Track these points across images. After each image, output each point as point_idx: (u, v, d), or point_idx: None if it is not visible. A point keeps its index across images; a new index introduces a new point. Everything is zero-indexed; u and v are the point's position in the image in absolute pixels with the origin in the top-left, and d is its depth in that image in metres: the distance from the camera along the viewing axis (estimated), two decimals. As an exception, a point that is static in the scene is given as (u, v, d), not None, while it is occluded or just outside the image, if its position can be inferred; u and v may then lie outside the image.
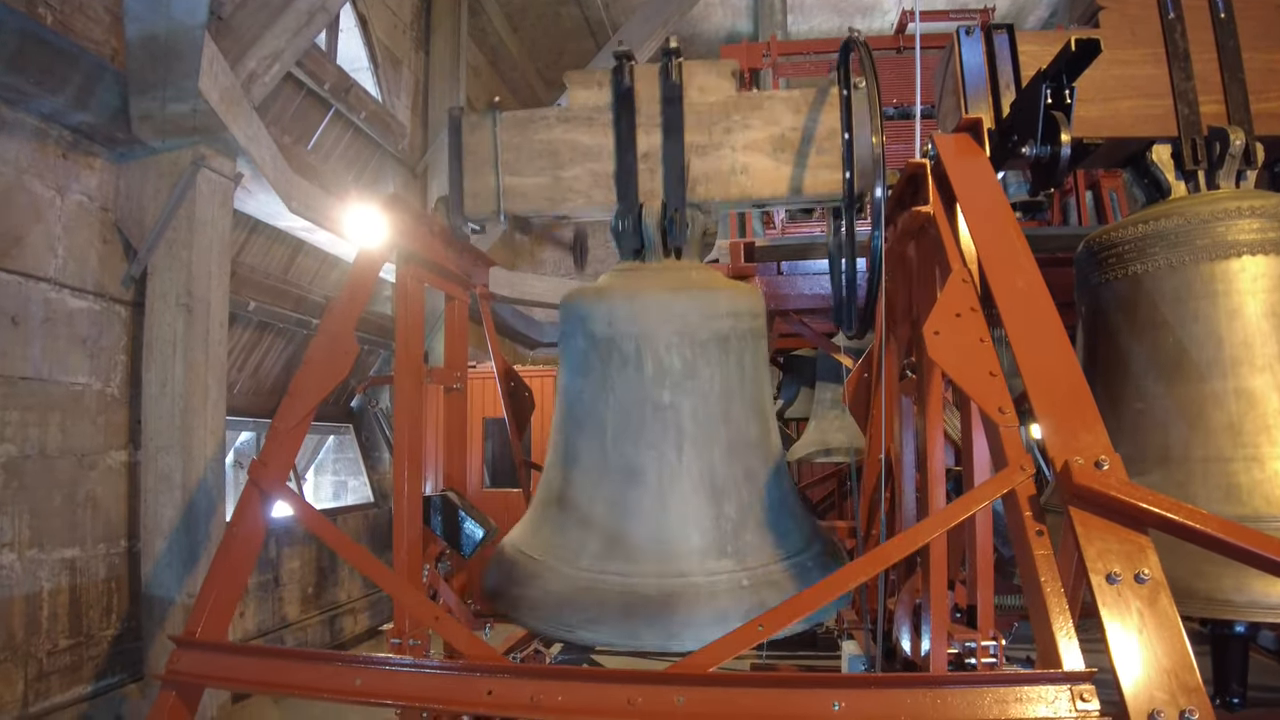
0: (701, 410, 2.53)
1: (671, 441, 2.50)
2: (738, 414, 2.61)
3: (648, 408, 2.51)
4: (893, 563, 2.08)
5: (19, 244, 4.04)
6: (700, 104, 2.73)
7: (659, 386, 2.51)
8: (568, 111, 2.80)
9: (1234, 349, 2.46)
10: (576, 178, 2.79)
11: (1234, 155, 2.68)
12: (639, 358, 2.52)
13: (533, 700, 1.69)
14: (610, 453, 2.55)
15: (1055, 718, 1.48)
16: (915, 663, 2.78)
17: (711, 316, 2.59)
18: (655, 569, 2.39)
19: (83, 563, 4.35)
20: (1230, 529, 1.57)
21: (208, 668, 2.01)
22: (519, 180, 2.83)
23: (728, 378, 2.59)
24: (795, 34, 11.46)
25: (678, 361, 2.52)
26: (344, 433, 8.52)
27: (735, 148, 2.71)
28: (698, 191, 2.72)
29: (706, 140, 2.73)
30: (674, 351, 2.52)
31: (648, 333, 2.53)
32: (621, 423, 2.54)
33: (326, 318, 2.61)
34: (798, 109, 2.72)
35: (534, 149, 2.82)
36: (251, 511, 2.28)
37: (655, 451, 2.49)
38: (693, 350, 2.53)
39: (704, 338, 2.55)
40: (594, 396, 2.61)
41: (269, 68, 5.09)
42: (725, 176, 2.72)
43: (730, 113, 2.73)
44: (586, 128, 2.79)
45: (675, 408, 2.51)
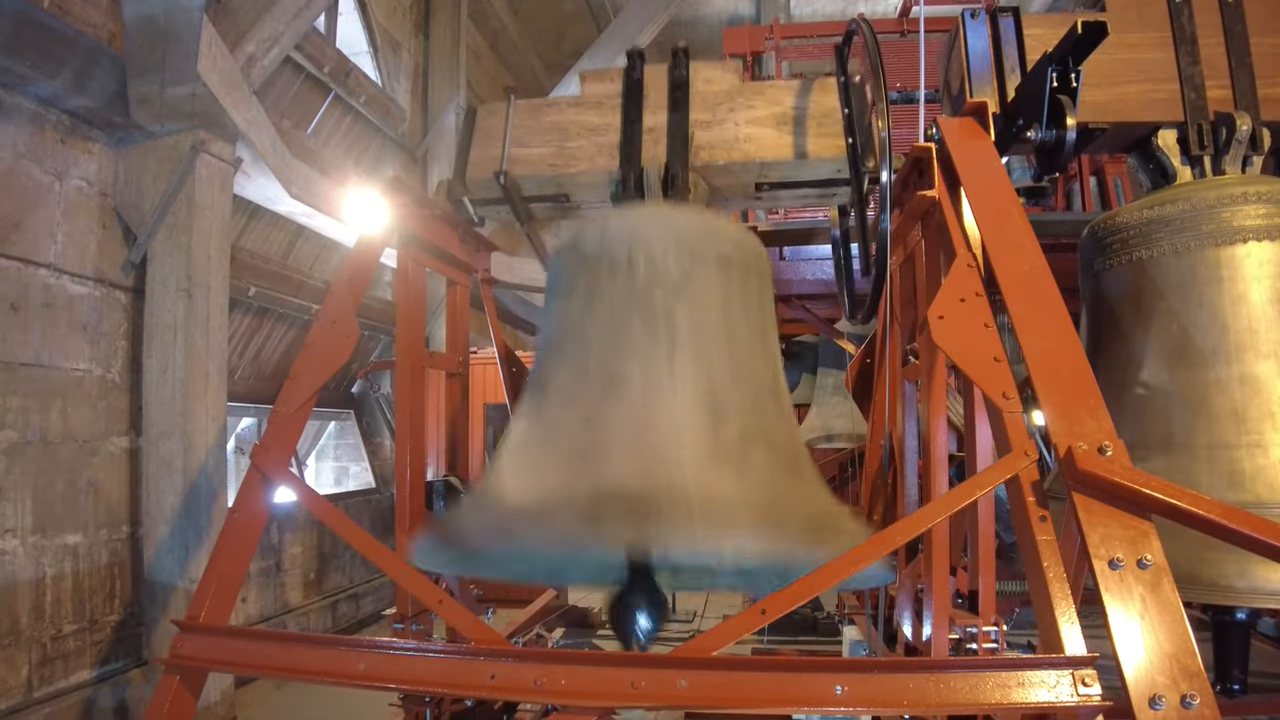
0: (700, 320, 2.15)
1: (662, 349, 2.09)
2: (742, 338, 2.24)
3: (635, 315, 2.13)
4: (895, 548, 2.07)
5: (18, 229, 4.03)
6: (706, 91, 2.82)
7: (650, 289, 2.15)
8: (579, 99, 2.91)
9: (1238, 335, 2.45)
10: (580, 147, 2.86)
11: (1240, 140, 2.66)
12: (630, 261, 2.18)
13: (536, 684, 1.69)
14: (590, 367, 2.14)
15: (1057, 702, 1.49)
16: (916, 648, 2.79)
17: (713, 234, 2.31)
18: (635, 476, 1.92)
19: (85, 548, 4.37)
20: (1233, 515, 1.57)
21: (211, 652, 2.01)
22: (524, 150, 2.90)
23: (729, 297, 2.24)
24: (798, 17, 11.37)
25: (674, 266, 2.17)
26: (345, 418, 8.53)
27: (739, 123, 2.78)
28: (701, 155, 2.75)
29: (711, 118, 2.80)
30: (670, 256, 2.18)
31: (643, 237, 2.21)
32: (605, 334, 2.15)
33: (327, 302, 2.60)
34: (798, 94, 2.80)
35: (542, 127, 2.92)
36: (254, 496, 2.28)
37: (640, 359, 2.08)
38: (691, 260, 2.20)
39: (704, 252, 2.23)
40: (578, 312, 2.25)
41: (268, 51, 5.05)
42: (729, 144, 2.77)
43: (734, 97, 2.81)
44: (596, 110, 2.88)
45: (668, 314, 2.12)
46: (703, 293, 2.17)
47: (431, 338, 6.81)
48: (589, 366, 2.14)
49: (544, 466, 2.03)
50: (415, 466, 2.90)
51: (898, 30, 6.21)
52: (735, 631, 1.74)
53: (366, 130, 7.61)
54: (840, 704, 1.54)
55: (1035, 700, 1.50)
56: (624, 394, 2.04)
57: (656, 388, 2.04)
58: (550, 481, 1.98)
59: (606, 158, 2.81)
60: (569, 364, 2.20)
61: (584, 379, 2.13)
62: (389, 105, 7.84)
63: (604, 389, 2.07)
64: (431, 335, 6.89)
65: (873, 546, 1.91)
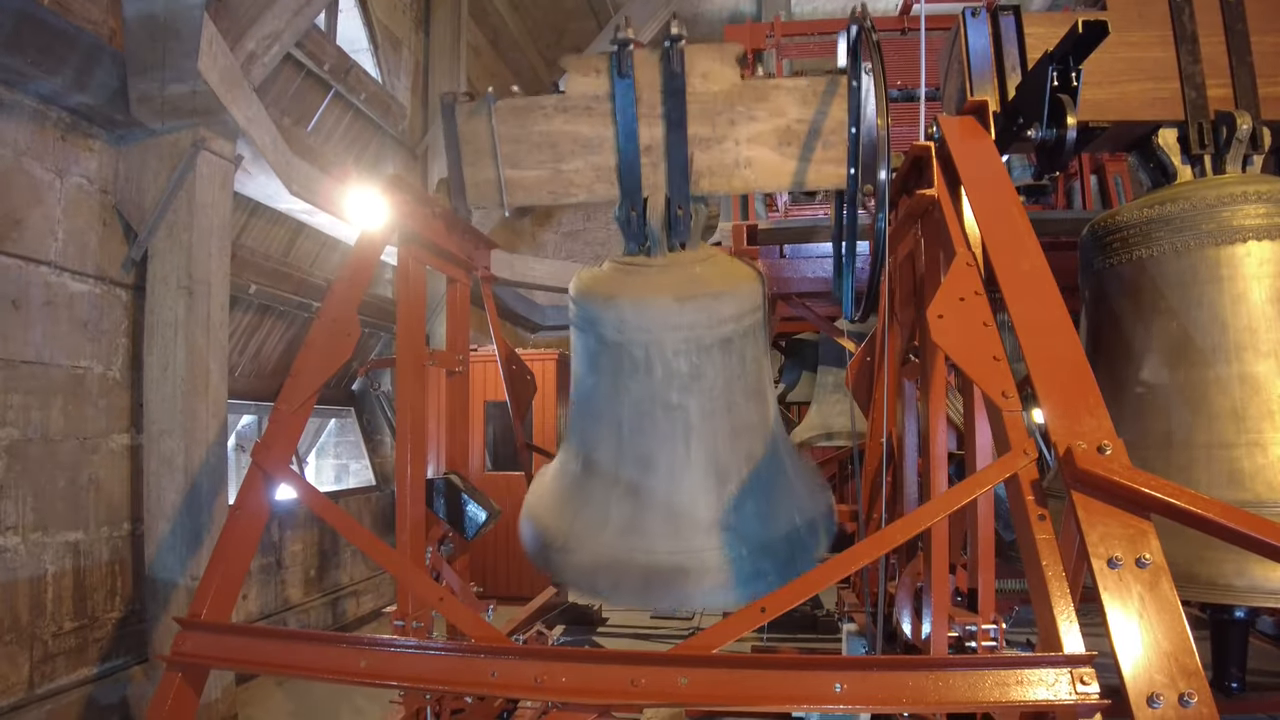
0: (706, 406, 2.73)
1: (680, 436, 2.72)
2: (740, 403, 2.80)
3: (658, 408, 2.73)
4: (894, 546, 2.08)
5: (18, 227, 4.03)
6: (704, 93, 2.64)
7: (667, 389, 2.70)
8: (566, 100, 2.74)
9: (1238, 334, 2.45)
10: (578, 171, 2.76)
11: (1241, 140, 2.67)
12: (649, 363, 2.68)
13: (537, 681, 1.70)
14: (625, 444, 2.79)
15: (1055, 700, 1.49)
16: (916, 646, 2.80)
17: (716, 323, 2.69)
18: (668, 545, 2.69)
19: (86, 546, 4.37)
20: (1232, 514, 1.57)
21: (213, 649, 2.02)
22: (520, 173, 2.80)
23: (730, 374, 2.75)
24: (799, 15, 11.35)
25: (685, 366, 2.68)
26: (345, 416, 8.53)
27: (739, 140, 2.65)
28: (701, 185, 2.69)
29: (710, 133, 2.65)
30: (681, 357, 2.67)
31: (657, 340, 2.67)
32: (635, 419, 2.76)
33: (328, 300, 2.61)
34: (804, 100, 2.62)
35: (533, 140, 2.77)
36: (255, 494, 2.29)
37: (667, 445, 2.74)
38: (699, 355, 2.68)
39: (709, 343, 2.68)
40: (608, 395, 2.82)
41: (268, 48, 5.04)
42: (729, 170, 2.67)
43: (734, 103, 2.64)
44: (586, 118, 2.72)
45: (683, 407, 2.71)
46: (708, 381, 2.71)
47: (432, 335, 6.81)
48: (624, 442, 2.79)
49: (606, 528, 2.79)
50: (416, 464, 2.91)
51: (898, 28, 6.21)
52: (735, 629, 1.75)
53: (367, 127, 7.61)
54: (839, 701, 1.55)
55: (1033, 698, 1.50)
56: (655, 474, 2.74)
57: (680, 468, 2.74)
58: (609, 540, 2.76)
59: (606, 185, 2.74)
60: (608, 436, 2.84)
61: (620, 454, 2.80)
62: (389, 102, 7.84)
63: (640, 468, 2.76)
64: (432, 333, 6.89)
65: (871, 545, 1.92)
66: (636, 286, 2.71)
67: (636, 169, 2.67)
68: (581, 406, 2.99)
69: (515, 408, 3.99)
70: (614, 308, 2.71)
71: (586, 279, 2.87)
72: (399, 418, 2.98)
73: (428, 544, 3.08)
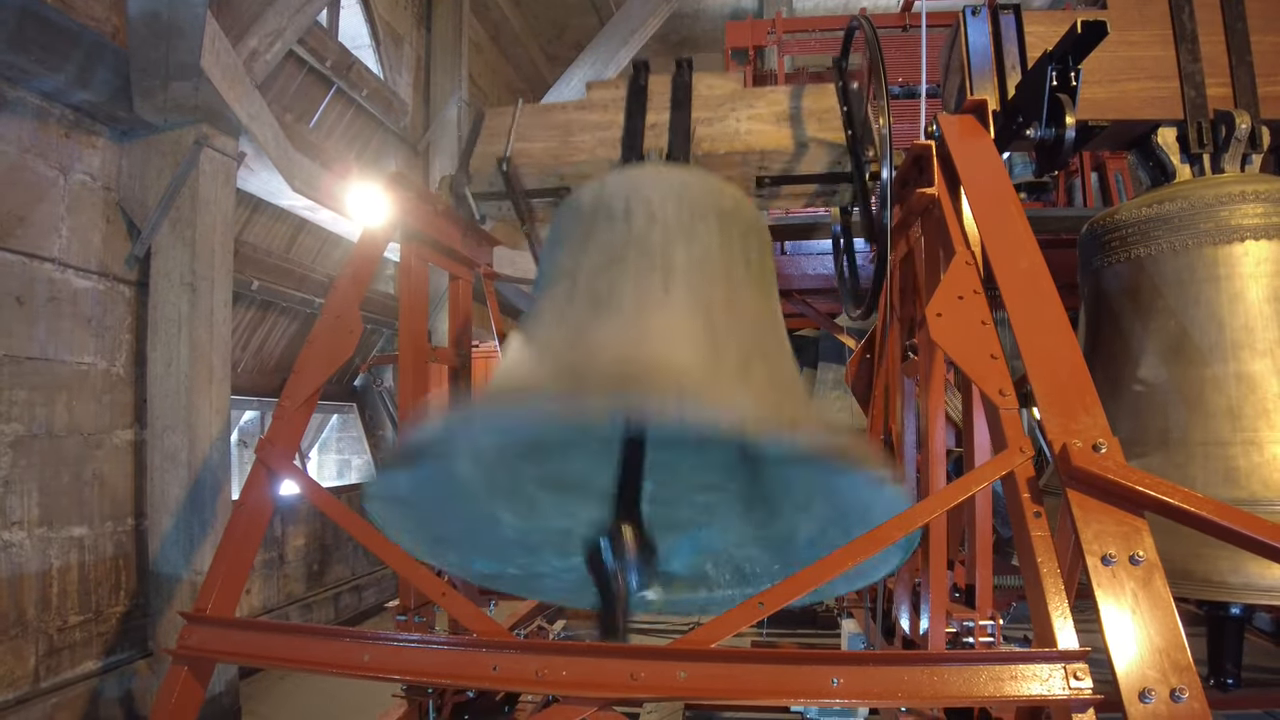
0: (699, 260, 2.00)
1: (658, 271, 1.93)
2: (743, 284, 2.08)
3: (631, 248, 1.99)
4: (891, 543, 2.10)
5: (22, 224, 4.05)
6: (708, 95, 2.90)
7: (648, 230, 2.02)
8: (584, 102, 3.01)
9: (1235, 333, 2.46)
10: (583, 141, 2.93)
11: (1240, 139, 2.67)
12: (628, 210, 2.06)
13: (537, 675, 1.72)
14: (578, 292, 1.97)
15: (1048, 695, 1.51)
16: (914, 641, 2.82)
17: (713, 191, 2.19)
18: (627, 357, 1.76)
19: (91, 541, 4.40)
20: (1225, 512, 1.58)
21: (219, 643, 2.04)
22: (527, 144, 2.97)
23: (729, 247, 2.09)
24: (800, 11, 11.33)
25: (672, 215, 2.05)
26: (348, 412, 8.56)
27: (740, 119, 2.85)
28: (702, 146, 2.81)
29: (712, 115, 2.86)
30: (669, 206, 2.07)
31: (640, 191, 2.12)
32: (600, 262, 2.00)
33: (331, 297, 2.63)
34: (798, 94, 2.87)
35: (548, 125, 2.99)
36: (259, 489, 2.31)
37: (636, 280, 1.92)
38: (691, 212, 2.08)
39: (704, 206, 2.12)
40: (570, 255, 2.09)
41: (270, 45, 5.05)
42: (730, 136, 2.83)
43: (735, 99, 2.89)
44: (600, 110, 2.96)
45: (666, 249, 1.98)
46: (701, 240, 2.03)
47: (434, 331, 6.83)
48: (578, 292, 1.96)
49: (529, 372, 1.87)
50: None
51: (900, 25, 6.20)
52: (734, 624, 1.76)
53: (369, 124, 7.62)
54: (836, 696, 1.57)
55: (1028, 693, 1.52)
56: (616, 313, 1.86)
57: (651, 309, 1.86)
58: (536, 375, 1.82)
59: (608, 149, 2.85)
60: (558, 296, 2.03)
61: (572, 302, 1.95)
62: (391, 98, 7.84)
63: (594, 309, 1.88)
64: (434, 329, 6.91)
65: (870, 542, 1.94)
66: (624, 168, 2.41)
67: (640, 136, 2.80)
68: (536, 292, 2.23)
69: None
70: (596, 180, 2.24)
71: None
72: (401, 414, 3.00)
73: (430, 539, 3.10)
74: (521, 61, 11.82)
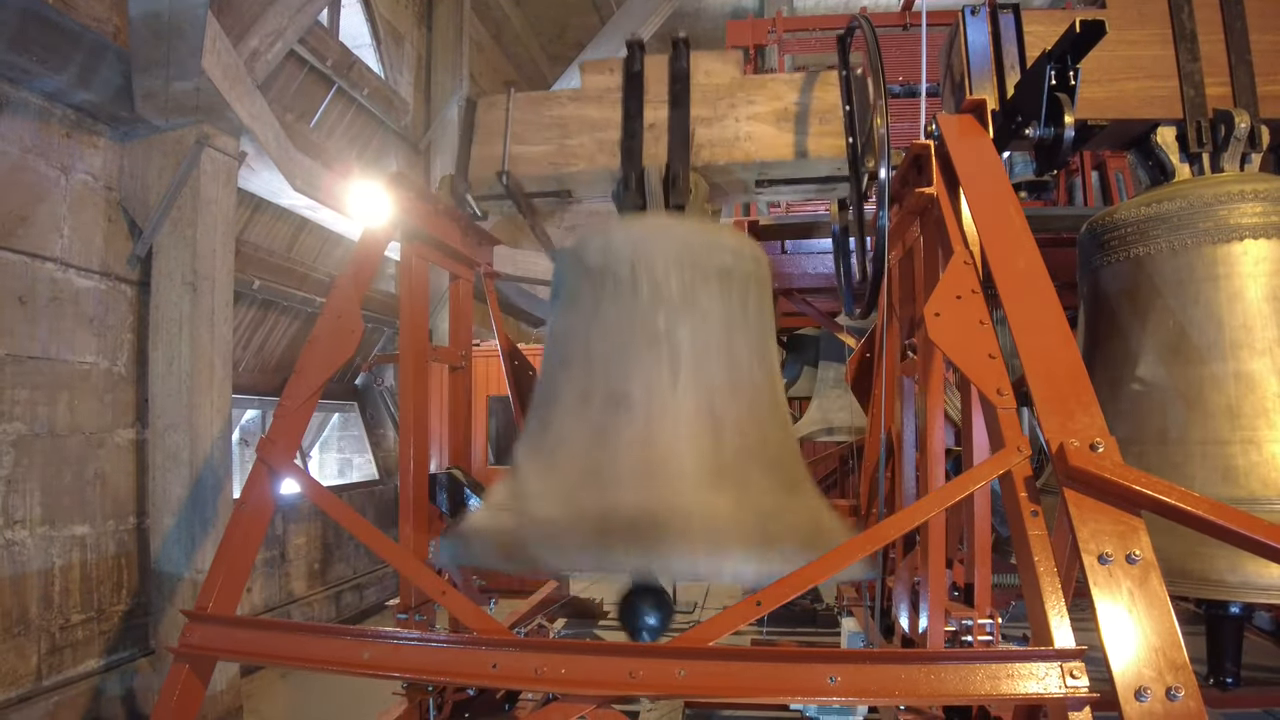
0: (701, 337, 2.22)
1: (665, 370, 2.17)
2: (742, 352, 2.31)
3: (639, 335, 2.19)
4: (891, 540, 2.11)
5: (24, 223, 4.06)
6: (706, 85, 2.82)
7: (654, 310, 2.20)
8: (580, 92, 2.93)
9: (1234, 332, 2.46)
10: (581, 144, 2.88)
11: (1239, 138, 2.67)
12: (634, 280, 2.23)
13: (536, 673, 1.73)
14: (596, 386, 2.19)
15: (1045, 693, 1.52)
16: (913, 639, 2.82)
17: (714, 247, 2.34)
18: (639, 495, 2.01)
19: (93, 539, 4.42)
20: (1222, 511, 1.59)
21: (220, 641, 2.05)
22: (525, 148, 2.93)
23: (730, 313, 2.30)
24: (801, 10, 11.33)
25: (676, 286, 2.22)
26: (349, 410, 8.57)
27: (739, 119, 2.80)
28: (702, 155, 2.78)
29: (711, 114, 2.82)
30: (673, 276, 2.23)
31: (645, 256, 2.26)
32: (610, 354, 2.21)
33: (332, 296, 2.63)
34: (800, 89, 2.81)
35: (543, 122, 2.94)
36: (260, 488, 2.32)
37: (645, 379, 2.15)
38: (693, 278, 2.25)
39: (705, 267, 2.29)
40: (583, 327, 2.30)
41: (271, 45, 5.06)
42: (729, 142, 2.79)
43: (735, 91, 2.82)
44: (596, 104, 2.89)
45: (671, 335, 2.18)
46: (704, 311, 2.23)
47: (435, 331, 6.83)
48: (595, 385, 2.19)
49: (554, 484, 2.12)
50: (418, 459, 2.94)
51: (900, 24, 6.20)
52: (732, 622, 1.77)
53: (370, 123, 7.62)
54: (834, 694, 1.57)
55: (1024, 691, 1.53)
56: (629, 414, 2.12)
57: (660, 408, 2.12)
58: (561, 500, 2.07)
59: (608, 156, 2.82)
60: (576, 381, 2.25)
61: (590, 398, 2.19)
62: (392, 98, 7.85)
63: (610, 408, 2.15)
64: (435, 328, 6.91)
65: (869, 540, 1.94)
66: (627, 225, 2.57)
67: (639, 140, 2.77)
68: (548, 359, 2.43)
69: (518, 402, 4.02)
70: (600, 236, 2.39)
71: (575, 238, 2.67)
72: (402, 412, 3.01)
73: (430, 537, 3.11)
74: (522, 60, 11.82)
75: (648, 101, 2.81)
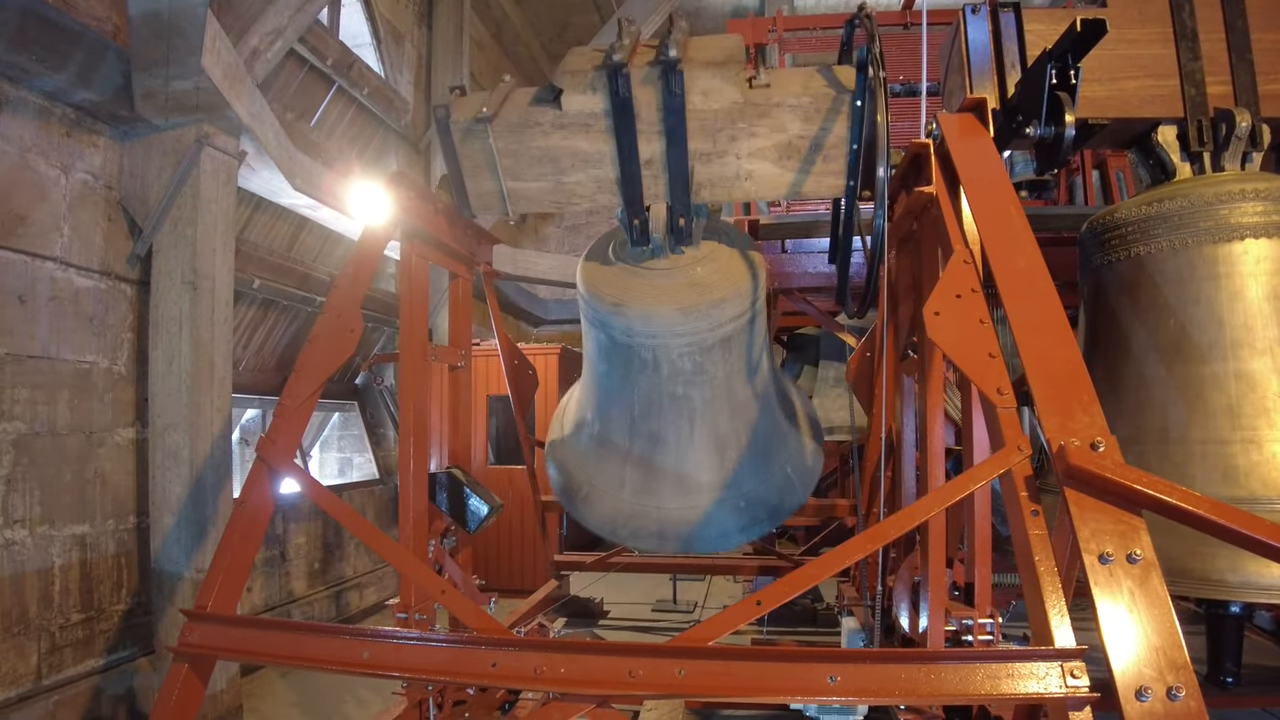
0: (708, 395, 3.10)
1: (685, 419, 3.16)
2: (739, 387, 3.17)
3: (664, 397, 3.10)
4: (891, 540, 2.11)
5: (24, 223, 4.06)
6: (704, 110, 2.55)
7: (673, 383, 3.04)
8: (563, 117, 2.63)
9: (1234, 331, 2.46)
10: (579, 183, 2.73)
11: (1240, 137, 2.67)
12: (656, 363, 2.99)
13: (536, 672, 1.73)
14: (637, 424, 3.25)
15: (1045, 693, 1.52)
16: (914, 639, 2.82)
17: (716, 326, 2.89)
18: (677, 502, 3.31)
19: (93, 539, 4.41)
20: (1222, 511, 1.59)
21: (220, 640, 2.05)
22: (522, 185, 2.76)
23: (730, 366, 3.06)
24: (802, 9, 11.32)
25: (688, 365, 2.99)
26: (349, 410, 8.56)
27: (740, 155, 2.61)
28: (701, 195, 2.72)
29: (711, 148, 2.61)
30: (685, 358, 2.96)
31: (664, 345, 2.94)
32: (644, 406, 3.17)
33: (332, 296, 2.63)
34: (806, 117, 2.55)
35: (532, 155, 2.70)
36: (260, 487, 2.32)
37: (673, 426, 3.18)
38: (701, 354, 2.96)
39: (710, 343, 2.93)
40: (620, 382, 3.18)
41: (271, 44, 5.06)
42: (729, 182, 2.67)
43: (735, 120, 2.56)
44: (584, 134, 2.64)
45: (688, 397, 3.08)
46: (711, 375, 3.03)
47: (435, 330, 6.84)
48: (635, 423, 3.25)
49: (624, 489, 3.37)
50: (419, 458, 2.94)
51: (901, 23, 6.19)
52: (731, 621, 1.77)
53: (370, 122, 7.62)
54: (833, 693, 1.57)
55: (1024, 691, 1.53)
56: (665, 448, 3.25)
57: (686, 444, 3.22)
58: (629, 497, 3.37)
59: (608, 195, 2.74)
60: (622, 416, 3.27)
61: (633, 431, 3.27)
62: (392, 97, 7.84)
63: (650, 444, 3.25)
64: (435, 328, 6.91)
65: (869, 539, 1.94)
66: (642, 293, 2.91)
67: (637, 182, 2.64)
68: (597, 381, 3.35)
69: (517, 402, 4.02)
70: (622, 315, 2.93)
71: (593, 276, 3.01)
72: (402, 412, 3.01)
73: (430, 537, 3.11)
74: (523, 59, 11.82)
75: (641, 133, 2.57)
